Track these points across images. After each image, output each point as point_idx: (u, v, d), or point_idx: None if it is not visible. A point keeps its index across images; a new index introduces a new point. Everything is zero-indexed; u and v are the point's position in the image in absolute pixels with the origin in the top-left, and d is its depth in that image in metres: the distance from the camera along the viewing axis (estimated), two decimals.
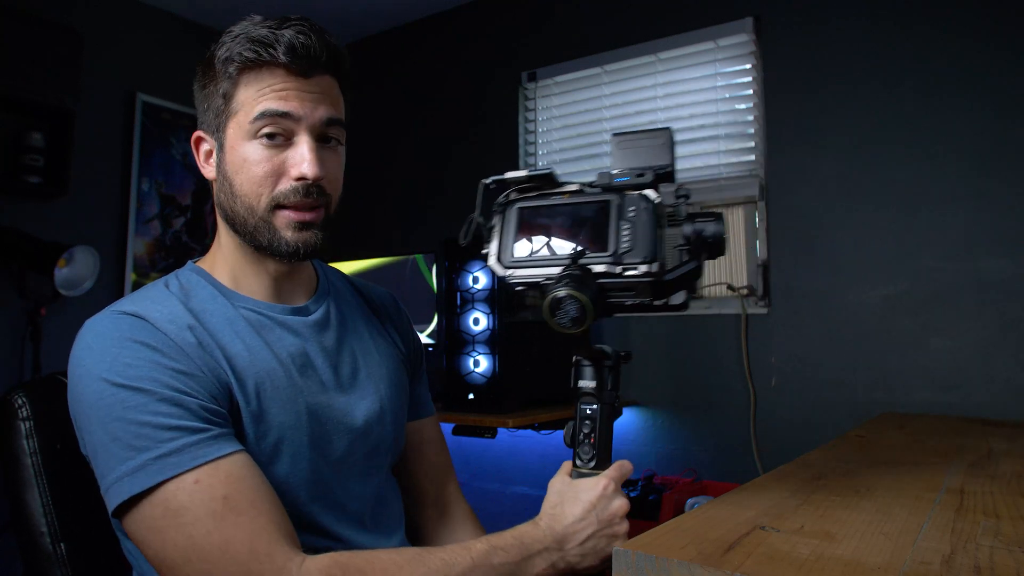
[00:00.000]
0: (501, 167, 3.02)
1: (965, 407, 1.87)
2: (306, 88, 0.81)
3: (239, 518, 0.68)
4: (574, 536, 0.75)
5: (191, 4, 2.98)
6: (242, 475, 0.71)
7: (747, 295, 2.23)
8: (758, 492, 0.80)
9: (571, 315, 0.66)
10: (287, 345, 0.84)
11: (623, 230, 0.70)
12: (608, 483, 0.77)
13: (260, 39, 0.79)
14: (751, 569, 0.53)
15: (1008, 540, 0.61)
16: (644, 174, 0.71)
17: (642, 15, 2.52)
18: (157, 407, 0.70)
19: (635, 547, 0.58)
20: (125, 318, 0.76)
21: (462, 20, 3.03)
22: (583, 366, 0.80)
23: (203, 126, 0.86)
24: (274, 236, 0.82)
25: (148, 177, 2.92)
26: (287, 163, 0.81)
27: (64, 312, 2.61)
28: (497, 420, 1.96)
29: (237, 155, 0.81)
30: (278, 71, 0.80)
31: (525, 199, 0.77)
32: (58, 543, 0.80)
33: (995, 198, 1.89)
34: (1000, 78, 1.90)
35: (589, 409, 0.79)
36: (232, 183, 0.82)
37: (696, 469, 2.22)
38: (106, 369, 0.71)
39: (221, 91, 0.82)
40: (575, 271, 0.68)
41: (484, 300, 2.08)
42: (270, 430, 0.79)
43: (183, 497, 0.68)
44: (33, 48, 2.44)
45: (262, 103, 0.79)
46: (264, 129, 0.80)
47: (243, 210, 0.82)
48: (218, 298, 0.84)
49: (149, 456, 0.68)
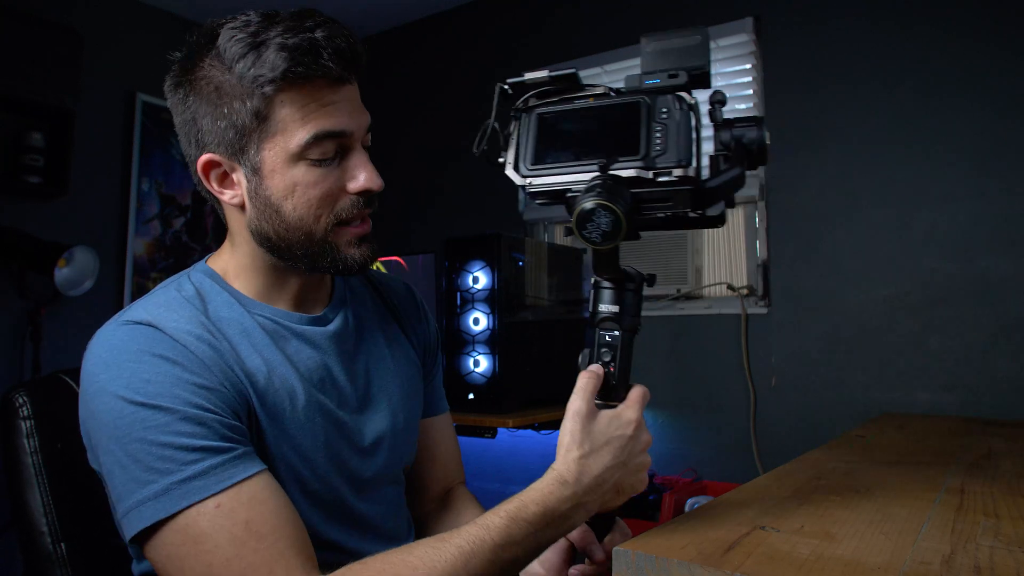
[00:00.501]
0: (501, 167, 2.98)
1: (965, 407, 1.87)
2: (347, 97, 0.75)
3: (260, 544, 0.65)
4: (606, 483, 0.69)
5: (191, 4, 2.98)
6: (264, 497, 0.68)
7: (747, 295, 2.23)
8: (758, 492, 0.80)
9: (602, 228, 0.60)
10: (306, 358, 0.81)
11: (655, 132, 0.64)
12: (637, 420, 0.71)
13: (301, 51, 0.70)
14: (751, 569, 0.53)
15: (1008, 540, 0.61)
16: (677, 75, 0.65)
17: (642, 15, 2.52)
18: (179, 427, 0.66)
19: (635, 547, 0.58)
20: (140, 328, 0.71)
21: (462, 20, 3.03)
22: (603, 288, 0.72)
23: (214, 147, 0.76)
24: (336, 256, 0.78)
25: (148, 177, 2.92)
26: (343, 179, 0.76)
27: (64, 312, 2.61)
28: (497, 420, 1.96)
29: (284, 180, 0.74)
30: (319, 82, 0.72)
31: (546, 103, 0.70)
32: (58, 543, 0.80)
33: (995, 198, 1.89)
34: (1000, 78, 1.89)
35: (609, 336, 0.72)
36: (280, 209, 0.75)
37: (696, 469, 2.21)
38: (123, 386, 0.67)
39: (251, 109, 0.72)
40: (606, 179, 0.62)
41: (484, 300, 2.08)
42: (289, 448, 0.76)
43: (204, 523, 0.65)
44: (33, 48, 2.44)
45: (312, 124, 0.72)
46: (318, 153, 0.74)
47: (299, 236, 0.76)
48: (234, 306, 0.79)
49: (172, 480, 0.65)
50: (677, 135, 0.63)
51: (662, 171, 0.63)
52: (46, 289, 2.46)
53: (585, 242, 0.61)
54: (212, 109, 0.75)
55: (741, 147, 0.65)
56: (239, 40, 0.72)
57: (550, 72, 0.69)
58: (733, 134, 0.65)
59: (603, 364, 0.72)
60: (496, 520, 0.67)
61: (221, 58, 0.73)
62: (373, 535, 0.85)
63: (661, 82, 0.65)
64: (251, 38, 0.71)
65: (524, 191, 0.69)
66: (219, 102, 0.74)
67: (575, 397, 0.71)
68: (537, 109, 0.70)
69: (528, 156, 0.69)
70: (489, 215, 2.81)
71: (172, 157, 3.00)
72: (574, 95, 0.69)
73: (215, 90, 0.74)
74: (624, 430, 0.70)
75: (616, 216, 0.59)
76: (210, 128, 0.75)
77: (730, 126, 0.66)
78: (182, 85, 0.77)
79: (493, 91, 0.72)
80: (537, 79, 0.69)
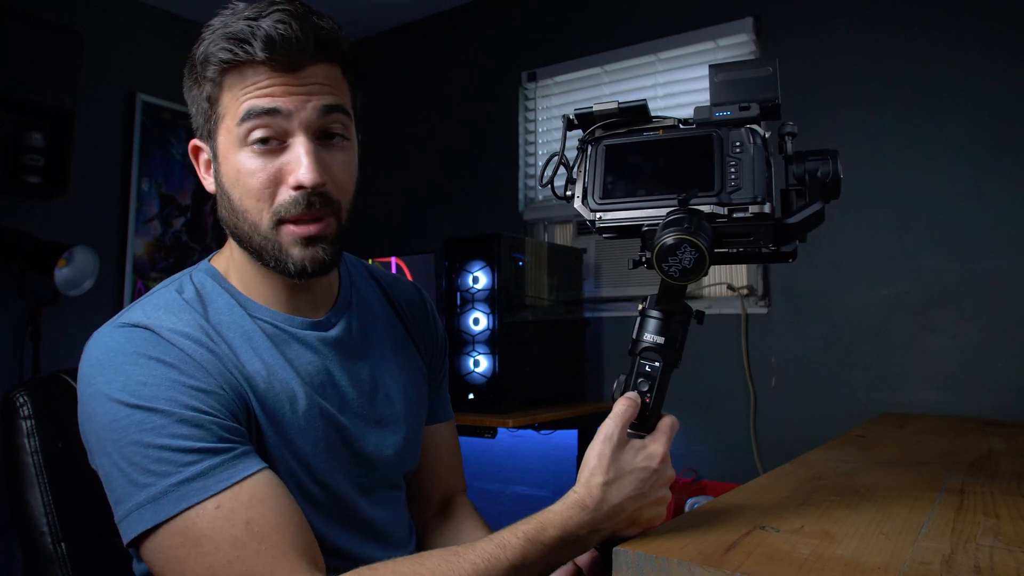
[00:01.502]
0: (501, 167, 3.01)
1: (965, 407, 1.87)
2: (296, 82, 0.72)
3: (261, 545, 0.64)
4: (623, 512, 0.68)
5: (191, 4, 2.98)
6: (266, 495, 0.67)
7: (747, 295, 2.23)
8: (758, 492, 0.80)
9: (684, 264, 0.58)
10: (307, 363, 0.79)
11: (729, 167, 0.62)
12: (663, 454, 0.70)
13: (235, 35, 0.70)
14: (751, 569, 0.52)
15: (1008, 540, 0.61)
16: (749, 107, 0.64)
17: (642, 15, 2.51)
18: (176, 429, 0.65)
19: (635, 547, 0.58)
20: (136, 331, 0.70)
21: (462, 20, 3.03)
22: (650, 317, 0.70)
23: (197, 133, 0.78)
24: (280, 254, 0.74)
25: (148, 177, 2.92)
26: (283, 170, 0.73)
27: (64, 312, 2.61)
28: (497, 420, 1.96)
29: (231, 165, 0.74)
30: (261, 68, 0.71)
31: (613, 135, 0.69)
32: (59, 543, 0.79)
33: (995, 198, 1.89)
34: (1000, 78, 1.90)
35: (649, 366, 0.70)
36: (230, 197, 0.75)
37: (696, 469, 2.22)
38: (119, 389, 0.67)
39: (205, 94, 0.74)
40: (687, 213, 0.60)
41: (484, 300, 2.08)
42: (289, 452, 0.75)
43: (203, 525, 0.64)
44: (33, 48, 2.44)
45: (246, 102, 0.71)
46: (254, 133, 0.71)
47: (247, 227, 0.75)
48: (235, 308, 0.78)
49: (170, 482, 0.64)
50: (752, 170, 0.62)
51: (738, 207, 0.62)
52: (46, 289, 2.46)
53: (664, 276, 0.59)
54: (190, 96, 0.77)
55: (816, 181, 0.63)
56: (206, 29, 0.73)
57: (619, 104, 0.67)
58: (807, 168, 0.64)
59: (640, 394, 0.71)
60: (513, 540, 0.65)
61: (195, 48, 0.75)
62: (375, 539, 0.84)
63: (732, 114, 0.64)
64: (209, 28, 0.73)
65: (592, 226, 0.68)
66: (192, 88, 0.76)
67: (609, 422, 0.69)
68: (604, 141, 0.69)
69: (597, 190, 0.68)
70: (489, 215, 2.81)
71: (172, 157, 3.00)
72: (642, 127, 0.68)
73: (190, 78, 0.76)
74: (649, 463, 0.69)
75: (700, 252, 0.58)
76: (193, 113, 0.78)
77: (803, 159, 0.64)
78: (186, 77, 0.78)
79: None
80: (605, 111, 0.68)
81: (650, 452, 0.69)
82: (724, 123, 0.65)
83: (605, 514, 0.67)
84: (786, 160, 0.65)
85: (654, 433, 0.71)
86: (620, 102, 0.68)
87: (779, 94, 0.65)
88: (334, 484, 0.79)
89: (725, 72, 0.67)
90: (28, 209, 2.55)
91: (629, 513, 0.68)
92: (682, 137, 0.66)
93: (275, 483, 0.69)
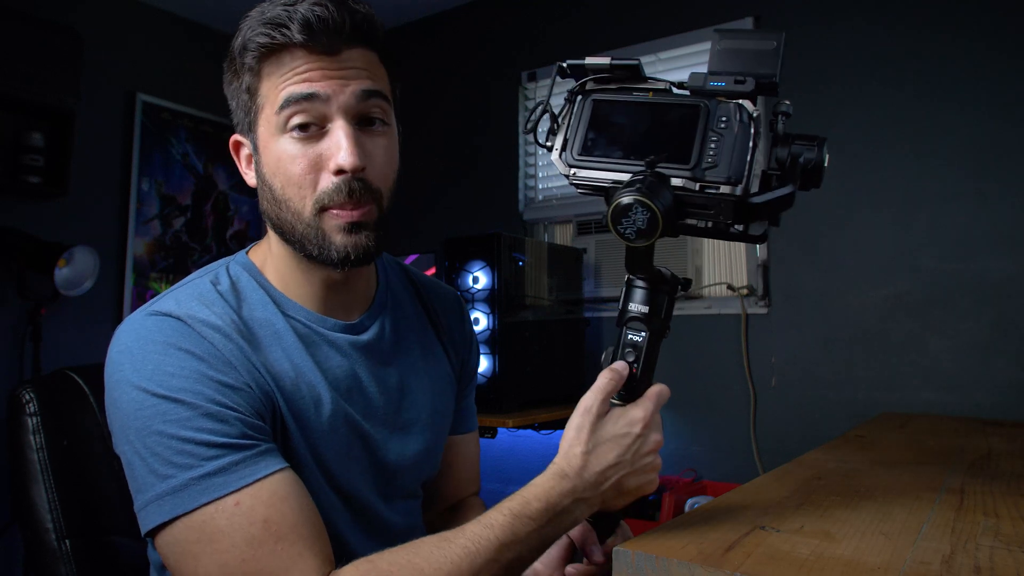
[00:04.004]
0: (501, 167, 3.01)
1: (965, 407, 1.87)
2: (334, 66, 0.72)
3: (277, 545, 0.64)
4: (607, 480, 0.67)
5: (191, 4, 2.98)
6: (286, 494, 0.66)
7: (747, 295, 2.23)
8: (758, 492, 0.80)
9: (638, 225, 0.57)
10: (335, 366, 0.79)
11: (710, 142, 0.60)
12: (646, 419, 0.68)
13: (272, 20, 0.70)
14: (751, 569, 0.53)
15: (1008, 540, 0.61)
16: (744, 81, 0.61)
17: (642, 15, 2.51)
18: (201, 422, 0.65)
19: (635, 547, 0.58)
20: (168, 321, 0.70)
21: (462, 20, 3.03)
22: (635, 287, 0.69)
23: (238, 128, 0.78)
24: (324, 242, 0.73)
25: (148, 177, 2.92)
26: (323, 155, 0.72)
27: (64, 312, 2.61)
28: (497, 420, 1.96)
29: (271, 154, 0.73)
30: (299, 52, 0.71)
31: (603, 90, 0.66)
32: (63, 540, 0.79)
33: (995, 198, 1.89)
34: (1000, 78, 1.89)
35: (637, 336, 0.69)
36: (272, 187, 0.74)
37: (696, 469, 2.22)
38: (146, 378, 0.66)
39: (245, 85, 0.74)
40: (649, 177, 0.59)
41: (484, 300, 2.08)
42: (311, 455, 0.75)
43: (221, 521, 0.63)
44: (33, 48, 2.44)
45: (285, 89, 0.71)
46: (293, 119, 0.71)
47: (290, 216, 0.74)
48: (269, 305, 0.77)
49: (191, 475, 0.64)
50: (732, 149, 0.60)
51: (709, 184, 0.60)
52: (46, 289, 2.46)
53: (619, 236, 0.58)
54: (230, 90, 0.77)
55: (795, 165, 0.61)
56: (245, 19, 0.73)
57: (612, 59, 0.65)
58: (791, 151, 0.61)
59: (627, 364, 0.70)
60: (499, 518, 0.65)
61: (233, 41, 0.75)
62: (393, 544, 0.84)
63: (726, 86, 0.62)
64: (246, 19, 0.73)
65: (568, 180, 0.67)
66: (231, 87, 0.77)
67: (588, 394, 0.68)
68: (593, 94, 0.67)
69: (576, 145, 0.65)
70: (489, 215, 2.81)
71: (172, 157, 3.00)
72: (634, 87, 0.66)
73: (229, 71, 0.77)
74: (630, 428, 0.67)
75: (653, 214, 0.56)
76: (233, 111, 0.78)
77: (788, 142, 0.62)
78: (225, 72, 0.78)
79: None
80: (597, 64, 0.65)
81: (631, 418, 0.68)
82: (716, 93, 0.62)
83: (587, 482, 0.66)
84: (773, 140, 0.63)
85: (639, 400, 0.70)
86: (614, 58, 0.65)
87: (779, 71, 0.62)
88: (354, 489, 0.79)
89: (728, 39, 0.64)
90: (28, 209, 2.55)
91: (614, 481, 0.67)
92: (669, 103, 0.64)
93: (295, 482, 0.68)
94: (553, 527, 0.67)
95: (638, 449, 0.68)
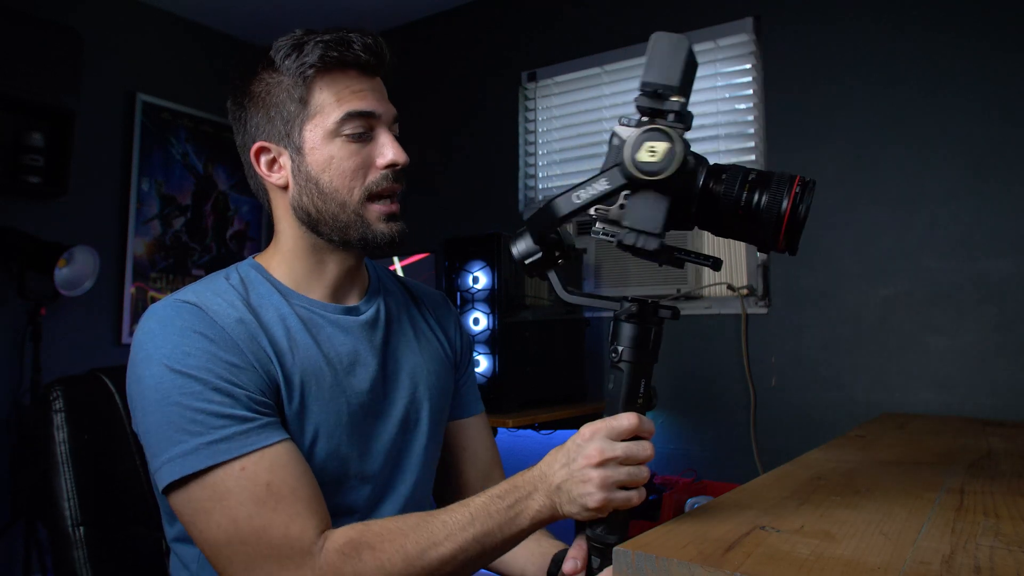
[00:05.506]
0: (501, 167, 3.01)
1: (965, 407, 1.87)
2: (376, 87, 0.88)
3: (278, 504, 0.73)
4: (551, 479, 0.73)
5: (191, 4, 2.98)
6: (285, 462, 0.76)
7: (747, 295, 2.23)
8: (758, 492, 0.80)
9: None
10: (337, 344, 0.88)
11: None
12: (584, 429, 0.73)
13: (333, 41, 0.83)
14: (751, 569, 0.53)
15: (1008, 540, 0.61)
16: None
17: (642, 15, 2.52)
18: (211, 396, 0.75)
19: (635, 547, 0.58)
20: (187, 307, 0.80)
21: (462, 20, 3.03)
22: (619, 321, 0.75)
23: (265, 136, 0.88)
24: (367, 229, 0.87)
25: (148, 177, 2.92)
26: (372, 155, 0.87)
27: (64, 312, 2.61)
28: (497, 420, 1.96)
29: (322, 155, 0.85)
30: (351, 72, 0.86)
31: None
32: (77, 527, 0.87)
33: (995, 198, 1.89)
34: (1000, 78, 1.90)
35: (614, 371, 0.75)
36: (319, 181, 0.86)
37: (696, 469, 2.22)
38: (167, 356, 0.76)
39: (296, 96, 0.85)
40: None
41: (484, 300, 2.08)
42: (309, 425, 0.83)
43: (230, 482, 0.73)
44: (33, 48, 2.44)
45: (345, 105, 0.84)
46: (350, 128, 0.84)
47: (334, 207, 0.86)
48: (274, 295, 0.87)
49: (202, 441, 0.73)
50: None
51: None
52: (46, 289, 2.46)
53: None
54: (263, 106, 0.87)
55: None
56: (285, 45, 0.85)
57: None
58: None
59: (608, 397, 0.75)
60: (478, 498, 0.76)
61: (272, 63, 0.86)
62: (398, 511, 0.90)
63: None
64: (295, 41, 0.85)
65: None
66: (268, 100, 0.87)
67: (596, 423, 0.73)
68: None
69: None
70: (489, 215, 2.81)
71: (172, 157, 3.00)
72: None
73: (265, 90, 0.87)
74: (575, 438, 0.73)
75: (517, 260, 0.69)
76: (260, 123, 0.88)
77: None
78: (240, 95, 0.89)
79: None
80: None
81: (580, 430, 0.74)
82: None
83: (536, 476, 0.75)
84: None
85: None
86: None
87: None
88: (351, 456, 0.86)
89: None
90: (28, 209, 2.55)
91: (558, 483, 0.73)
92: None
93: (294, 452, 0.78)
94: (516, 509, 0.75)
95: (575, 456, 0.72)
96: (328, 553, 0.73)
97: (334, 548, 0.73)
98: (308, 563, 0.72)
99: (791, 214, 0.65)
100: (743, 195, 0.66)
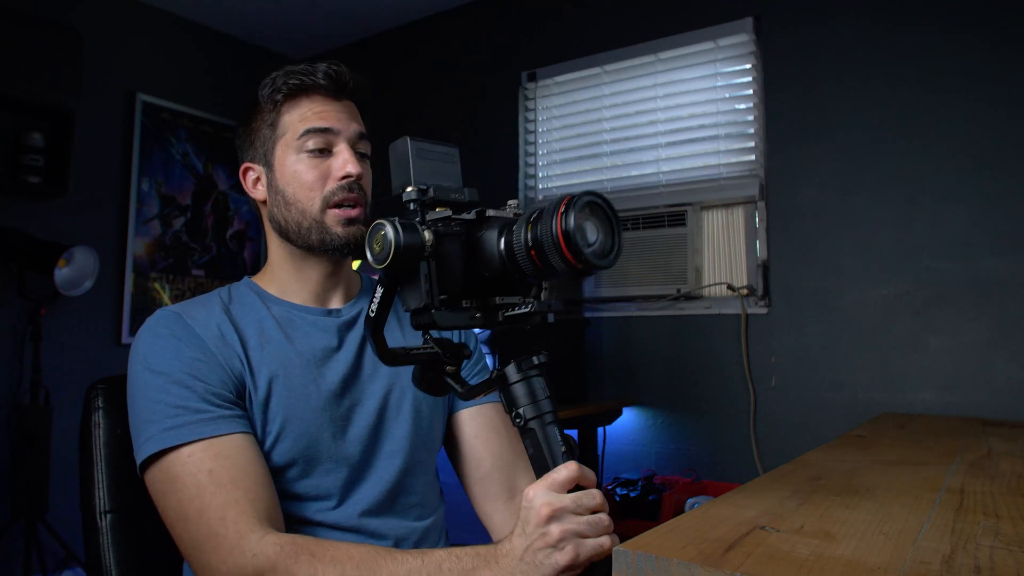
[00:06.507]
0: (501, 167, 3.01)
1: (965, 407, 1.87)
2: (341, 109, 0.95)
3: (217, 490, 0.78)
4: (514, 552, 0.70)
5: (191, 4, 2.98)
6: (230, 454, 0.81)
7: (747, 295, 2.23)
8: (758, 492, 0.80)
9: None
10: (312, 340, 0.94)
11: None
12: (527, 491, 0.71)
13: (299, 71, 0.94)
14: (751, 569, 0.52)
15: (1008, 540, 0.61)
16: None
17: (642, 15, 2.52)
18: (170, 388, 0.82)
19: (635, 547, 0.58)
20: (170, 316, 0.89)
21: (462, 20, 3.03)
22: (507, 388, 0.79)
23: (249, 159, 0.99)
24: (325, 233, 0.93)
25: (148, 177, 2.92)
26: (331, 168, 0.93)
27: (64, 312, 2.61)
28: None
29: (287, 170, 0.94)
30: (316, 95, 0.94)
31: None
32: (104, 514, 0.95)
33: (995, 198, 1.89)
34: (1000, 77, 1.90)
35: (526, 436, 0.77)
36: (284, 193, 0.94)
37: (696, 469, 2.22)
38: (144, 357, 0.85)
39: (268, 122, 0.95)
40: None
41: None
42: (277, 412, 0.88)
43: (178, 467, 0.80)
44: (33, 48, 2.44)
45: (306, 123, 0.93)
46: (309, 144, 0.93)
47: (296, 214, 0.93)
48: (256, 302, 0.96)
49: (158, 428, 0.81)
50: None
51: None
52: (46, 289, 2.46)
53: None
54: (247, 134, 0.98)
55: None
56: (265, 82, 0.96)
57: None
58: None
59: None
60: (438, 552, 0.75)
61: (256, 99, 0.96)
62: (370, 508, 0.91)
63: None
64: (271, 77, 0.95)
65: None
66: (251, 127, 0.98)
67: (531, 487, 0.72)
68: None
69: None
70: None
71: (172, 157, 3.00)
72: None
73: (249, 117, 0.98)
74: (522, 503, 0.71)
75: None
76: (246, 147, 0.99)
77: None
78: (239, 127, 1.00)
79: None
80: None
81: (524, 494, 0.71)
82: None
83: (501, 549, 0.71)
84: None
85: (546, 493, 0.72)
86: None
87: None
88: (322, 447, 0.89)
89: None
90: (28, 209, 2.55)
91: (519, 553, 0.69)
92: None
93: (244, 446, 0.83)
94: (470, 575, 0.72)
95: (528, 520, 0.69)
96: (266, 544, 0.75)
97: (274, 542, 0.75)
98: (242, 547, 0.75)
99: (564, 232, 0.64)
100: (526, 235, 0.67)
